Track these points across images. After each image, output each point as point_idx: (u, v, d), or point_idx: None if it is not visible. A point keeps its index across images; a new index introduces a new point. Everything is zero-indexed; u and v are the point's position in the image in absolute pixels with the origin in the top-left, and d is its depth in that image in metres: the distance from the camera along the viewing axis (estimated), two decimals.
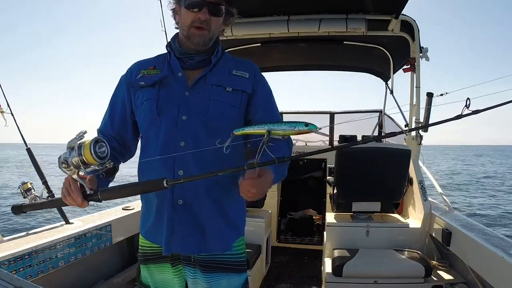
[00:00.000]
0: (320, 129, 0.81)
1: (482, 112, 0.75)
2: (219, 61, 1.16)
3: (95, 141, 0.90)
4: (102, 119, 1.23)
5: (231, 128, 1.09)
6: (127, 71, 1.21)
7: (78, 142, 0.90)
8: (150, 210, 1.16)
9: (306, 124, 0.79)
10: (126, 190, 0.94)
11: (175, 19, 1.16)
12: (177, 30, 1.19)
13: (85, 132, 0.92)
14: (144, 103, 1.12)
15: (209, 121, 1.08)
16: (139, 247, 1.22)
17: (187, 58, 1.14)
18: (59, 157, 0.92)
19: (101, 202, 0.97)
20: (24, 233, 1.81)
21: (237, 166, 0.87)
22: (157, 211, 1.12)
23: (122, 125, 1.20)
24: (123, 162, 1.23)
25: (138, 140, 1.23)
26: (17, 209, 1.12)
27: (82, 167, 0.90)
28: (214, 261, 1.13)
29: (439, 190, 2.81)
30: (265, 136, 0.82)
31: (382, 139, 3.93)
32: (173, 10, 1.15)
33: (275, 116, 1.19)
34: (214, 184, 1.09)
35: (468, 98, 0.73)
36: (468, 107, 0.73)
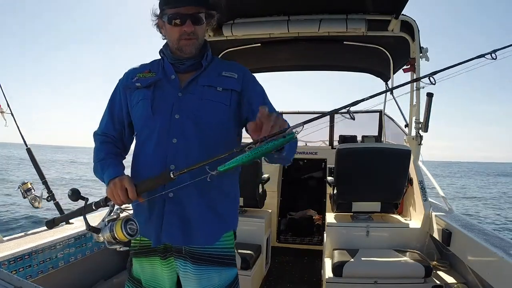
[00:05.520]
0: (298, 133, 0.87)
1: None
2: (209, 65, 1.24)
3: (125, 221, 1.03)
4: (100, 121, 1.30)
5: (222, 125, 1.19)
6: (124, 75, 1.28)
7: (107, 219, 1.05)
8: (141, 204, 1.18)
9: (284, 136, 0.85)
10: (141, 187, 1.07)
11: (161, 33, 1.25)
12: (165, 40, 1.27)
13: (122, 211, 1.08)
14: (139, 102, 1.20)
15: (199, 119, 1.16)
16: (131, 241, 1.24)
17: (178, 64, 1.22)
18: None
19: None
20: (24, 233, 1.81)
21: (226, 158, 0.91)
22: (149, 205, 1.16)
23: (121, 125, 1.28)
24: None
25: (133, 139, 1.30)
26: (51, 223, 1.27)
27: (113, 242, 1.04)
28: (204, 253, 1.17)
29: (439, 190, 2.81)
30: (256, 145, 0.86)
31: (382, 139, 3.94)
32: (157, 25, 1.23)
33: (272, 106, 1.23)
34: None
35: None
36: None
